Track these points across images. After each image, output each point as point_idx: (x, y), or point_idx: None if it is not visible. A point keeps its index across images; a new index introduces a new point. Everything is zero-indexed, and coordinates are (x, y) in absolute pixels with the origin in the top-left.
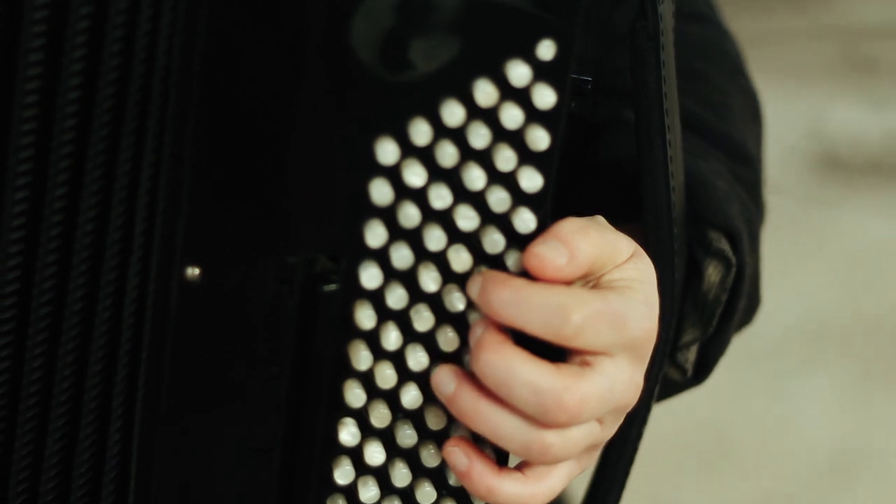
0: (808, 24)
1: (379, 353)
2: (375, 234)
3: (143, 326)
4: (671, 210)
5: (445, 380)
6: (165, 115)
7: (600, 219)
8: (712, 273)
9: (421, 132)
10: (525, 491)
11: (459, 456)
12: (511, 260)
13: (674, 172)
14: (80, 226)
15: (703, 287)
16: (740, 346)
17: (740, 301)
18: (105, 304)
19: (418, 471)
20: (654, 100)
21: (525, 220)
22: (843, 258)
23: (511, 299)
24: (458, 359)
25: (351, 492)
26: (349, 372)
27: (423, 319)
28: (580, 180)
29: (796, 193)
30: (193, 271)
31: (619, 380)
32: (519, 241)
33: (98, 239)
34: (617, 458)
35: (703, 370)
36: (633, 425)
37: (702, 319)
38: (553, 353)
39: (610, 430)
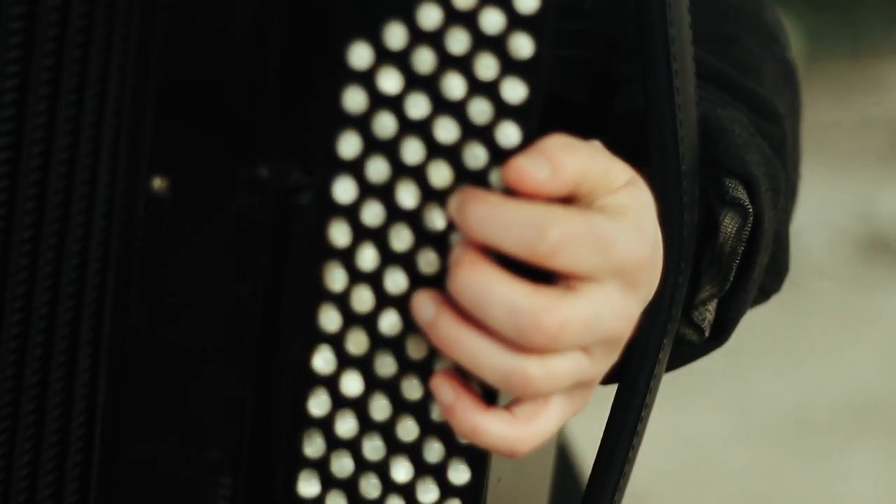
0: (855, 115)
1: (355, 274)
2: (349, 145)
3: (110, 243)
4: (679, 158)
5: (425, 304)
6: (131, 21)
7: (597, 143)
8: (728, 224)
9: (396, 35)
10: (513, 432)
11: (445, 389)
12: (494, 176)
13: (683, 121)
14: (57, 139)
15: (719, 239)
16: (789, 421)
17: (759, 255)
18: (78, 220)
19: (399, 404)
20: (657, 26)
21: (508, 134)
22: (889, 338)
23: (486, 215)
24: (439, 283)
25: (327, 424)
26: (323, 293)
27: (401, 238)
28: (596, 134)
29: (844, 275)
30: (161, 182)
31: (608, 307)
32: (502, 157)
33: (72, 156)
34: (623, 410)
35: (721, 331)
36: (640, 375)
37: (719, 274)
38: (541, 281)
39: (602, 366)
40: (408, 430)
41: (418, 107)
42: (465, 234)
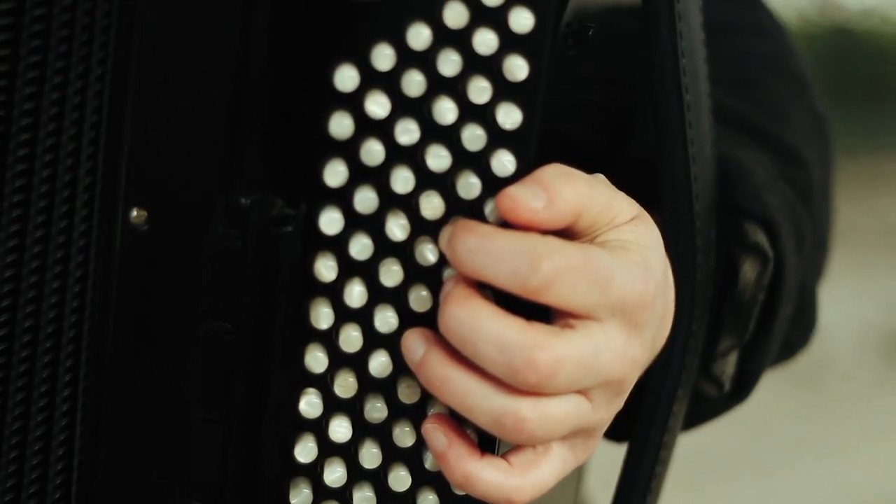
0: (878, 223)
1: (342, 311)
2: (335, 173)
3: (87, 280)
4: (691, 196)
5: (415, 343)
6: (108, 49)
7: (601, 177)
8: (748, 270)
9: (383, 56)
10: (508, 481)
11: (437, 434)
12: (489, 207)
13: (696, 156)
14: (37, 171)
15: (738, 287)
16: None
17: (781, 304)
18: (56, 256)
19: (390, 451)
20: (667, 54)
21: (503, 162)
22: None
23: (476, 246)
24: (431, 321)
25: (314, 472)
26: (309, 332)
27: (390, 273)
28: (612, 177)
29: (869, 375)
30: (139, 214)
31: (607, 347)
32: (497, 186)
33: (51, 189)
34: (636, 465)
35: (742, 386)
36: (653, 428)
37: (738, 324)
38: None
39: (604, 412)
40: (400, 479)
41: (408, 132)
42: (456, 268)
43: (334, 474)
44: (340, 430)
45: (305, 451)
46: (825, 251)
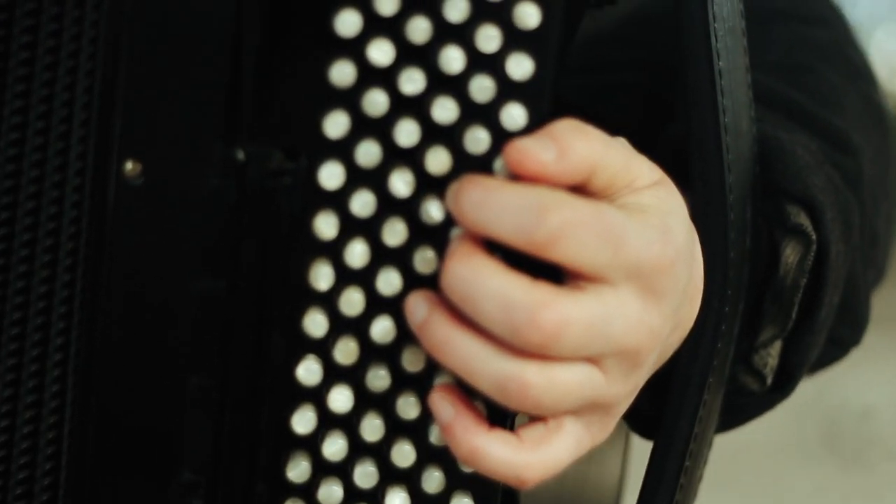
0: None
1: (343, 272)
2: (336, 124)
3: (80, 237)
4: (723, 166)
5: (418, 305)
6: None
7: (622, 140)
8: (790, 254)
9: (387, 0)
10: (518, 457)
11: (443, 404)
12: (499, 163)
13: (728, 126)
14: (31, 123)
15: (779, 272)
16: None
17: (826, 290)
18: (49, 211)
19: (393, 423)
20: (696, 16)
21: (513, 115)
22: None
23: (481, 199)
24: (436, 283)
25: (312, 444)
26: (308, 293)
27: (394, 231)
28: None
29: None
30: (133, 166)
31: (620, 313)
32: (507, 140)
33: (45, 142)
34: (663, 456)
35: (786, 379)
36: (681, 416)
37: (781, 312)
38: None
39: (619, 385)
40: (403, 454)
41: (412, 81)
42: (461, 223)
43: (334, 447)
44: (340, 399)
45: (304, 421)
46: (880, 245)
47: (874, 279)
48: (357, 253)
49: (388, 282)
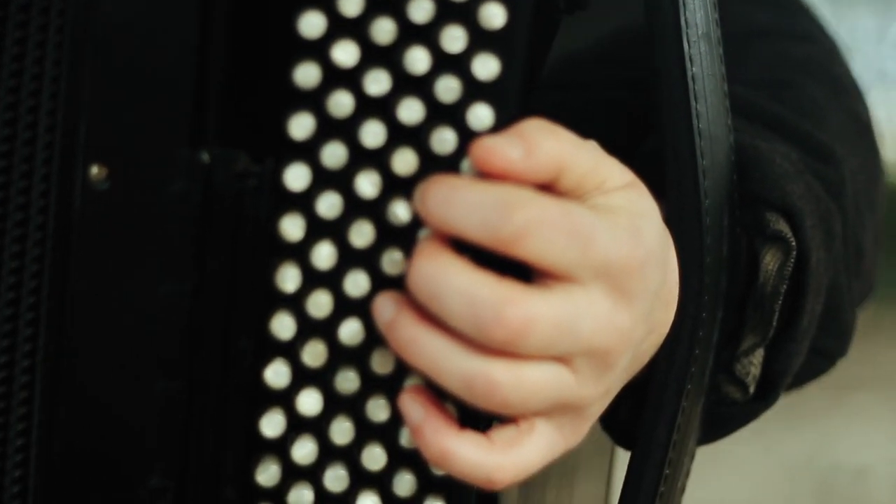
0: None
1: (310, 273)
2: (301, 125)
3: (45, 243)
4: (697, 170)
5: (385, 305)
6: (67, 3)
7: (593, 143)
8: (770, 261)
9: (351, 1)
10: (488, 459)
11: (413, 406)
12: (466, 164)
13: (703, 132)
14: None
15: (759, 280)
16: None
17: (807, 298)
18: (15, 218)
19: (363, 426)
20: (670, 36)
21: (479, 116)
22: None
23: (447, 197)
24: (405, 285)
25: (281, 447)
26: (275, 296)
27: (361, 232)
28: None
29: None
30: (99, 171)
31: (590, 313)
32: (473, 140)
33: (10, 149)
34: (641, 462)
35: (767, 389)
36: (658, 424)
37: (761, 319)
38: None
39: (591, 387)
40: (374, 457)
41: (377, 81)
42: (427, 222)
43: (303, 450)
44: (309, 402)
45: (272, 424)
46: (866, 257)
47: (861, 292)
48: (324, 255)
49: (356, 283)
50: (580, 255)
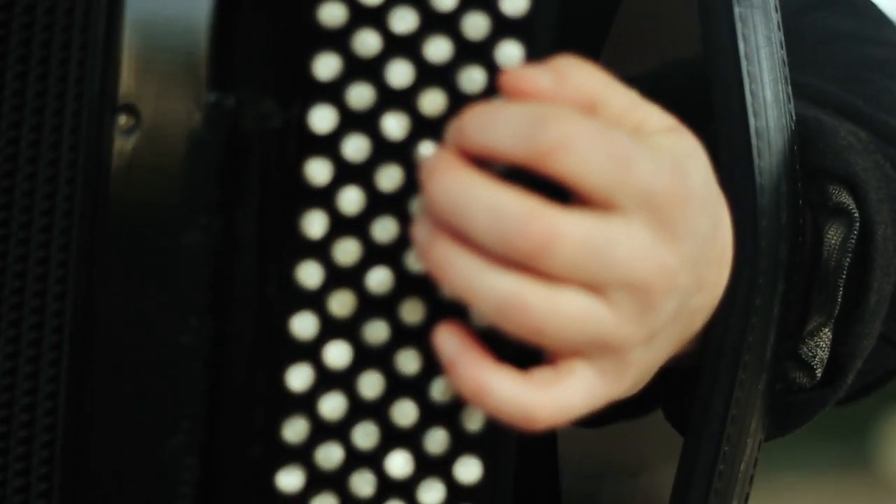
0: None
1: (337, 219)
2: (326, 65)
3: (74, 199)
4: (747, 123)
5: (421, 227)
6: None
7: (633, 92)
8: (833, 236)
9: None
10: (526, 395)
11: (448, 339)
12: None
13: (757, 111)
14: (30, 86)
15: (823, 256)
16: None
17: (874, 275)
18: (46, 174)
19: (392, 378)
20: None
21: (508, 53)
22: None
23: (482, 117)
24: None
25: (309, 402)
26: (300, 242)
27: (388, 175)
28: None
29: None
30: (127, 120)
31: (627, 241)
32: None
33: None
34: (697, 438)
35: (836, 374)
36: (714, 395)
37: (826, 297)
38: None
39: (630, 325)
40: (404, 412)
41: (403, 19)
42: (462, 144)
43: (331, 402)
44: (337, 354)
45: (299, 377)
46: None
47: None
48: (351, 199)
49: (385, 228)
50: (619, 178)
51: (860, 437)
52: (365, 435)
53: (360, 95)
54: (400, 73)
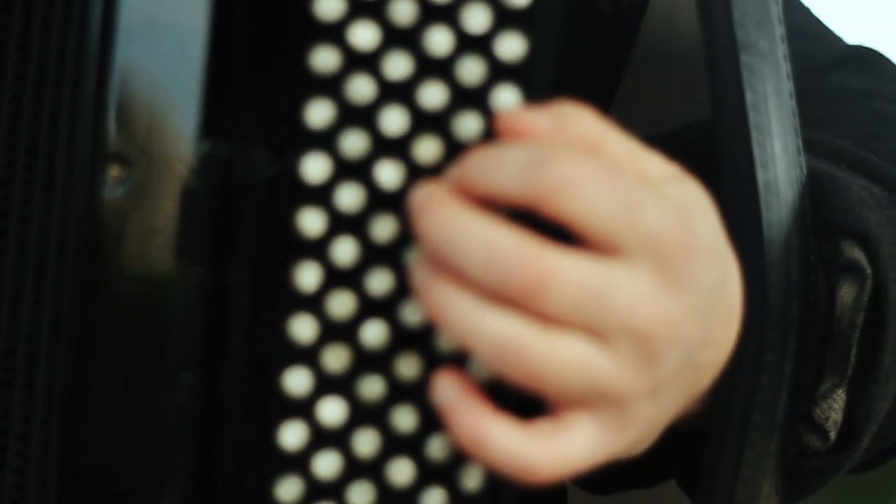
0: None
1: (331, 271)
2: (319, 112)
3: (66, 248)
4: (758, 197)
5: (421, 271)
6: None
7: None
8: (846, 293)
9: None
10: (526, 446)
11: (447, 386)
12: None
13: (766, 163)
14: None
15: (835, 315)
16: None
17: (888, 334)
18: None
19: (389, 435)
20: (724, 38)
21: (504, 98)
22: None
23: (484, 158)
24: None
25: (302, 460)
26: (293, 295)
27: (383, 226)
28: None
29: None
30: (119, 172)
31: (628, 286)
32: None
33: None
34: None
35: (851, 437)
36: (723, 456)
37: (839, 357)
38: None
39: (631, 375)
40: (400, 469)
41: (398, 66)
42: (463, 185)
43: (327, 463)
44: (332, 410)
45: (293, 435)
46: None
47: None
48: (346, 251)
49: (380, 281)
50: (624, 221)
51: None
52: (361, 495)
53: (354, 144)
54: (394, 121)
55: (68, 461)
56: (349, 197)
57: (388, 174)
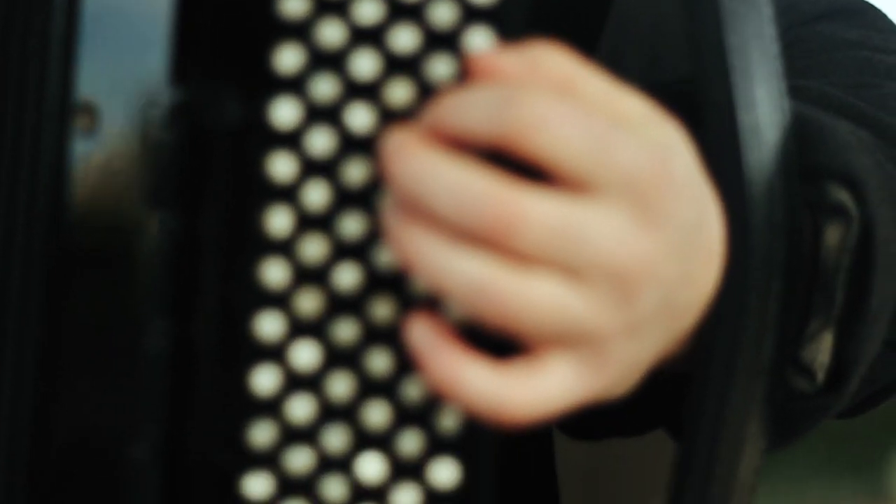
0: None
1: (302, 215)
2: (289, 57)
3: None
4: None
5: (393, 215)
6: None
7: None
8: (831, 235)
9: None
10: (500, 387)
11: (420, 330)
12: None
13: (749, 124)
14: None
15: (821, 256)
16: None
17: (875, 275)
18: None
19: (364, 379)
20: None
21: (476, 41)
22: None
23: (450, 99)
24: None
25: (276, 404)
26: (264, 240)
27: (355, 170)
28: None
29: None
30: (87, 121)
31: (603, 225)
32: None
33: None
34: (689, 443)
35: (839, 379)
36: (706, 398)
37: (825, 298)
38: None
39: (607, 314)
40: (376, 412)
41: (369, 10)
42: (436, 127)
43: (298, 405)
44: (305, 355)
45: (266, 381)
46: None
47: None
48: (317, 196)
49: (352, 225)
50: (597, 158)
51: (876, 470)
52: (336, 438)
53: (325, 88)
54: (366, 65)
55: (41, 409)
56: (321, 142)
57: (360, 118)
